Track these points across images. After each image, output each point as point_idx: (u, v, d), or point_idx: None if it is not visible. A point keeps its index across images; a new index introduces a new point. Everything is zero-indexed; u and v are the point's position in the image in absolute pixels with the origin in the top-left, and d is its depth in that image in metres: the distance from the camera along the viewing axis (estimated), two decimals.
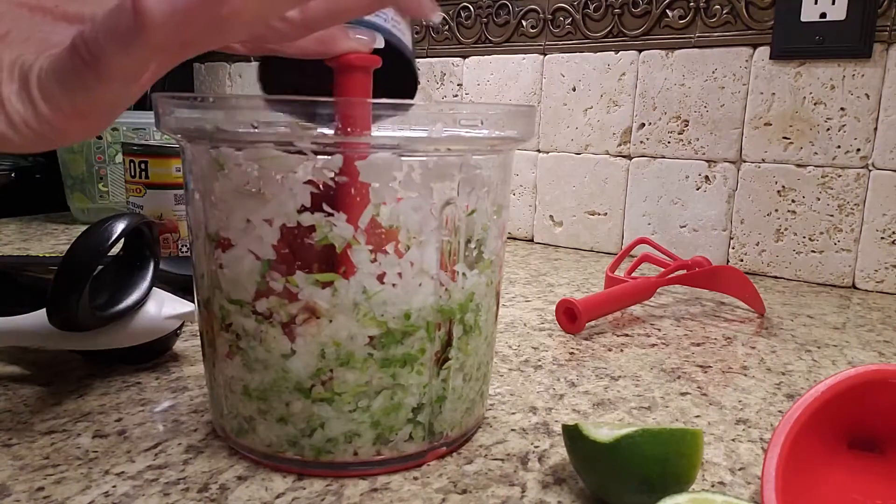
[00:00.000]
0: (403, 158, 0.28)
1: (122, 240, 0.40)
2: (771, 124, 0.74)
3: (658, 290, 0.66)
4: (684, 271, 0.65)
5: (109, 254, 0.38)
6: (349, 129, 0.27)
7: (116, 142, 0.92)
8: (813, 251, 0.73)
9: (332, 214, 0.28)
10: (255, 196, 0.28)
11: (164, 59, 0.21)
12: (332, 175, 0.28)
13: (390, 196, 0.29)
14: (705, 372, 0.46)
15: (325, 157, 0.28)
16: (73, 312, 0.36)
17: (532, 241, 0.93)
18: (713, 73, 0.76)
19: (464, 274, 0.31)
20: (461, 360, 0.32)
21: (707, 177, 0.79)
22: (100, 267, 0.42)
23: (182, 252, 0.71)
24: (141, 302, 0.42)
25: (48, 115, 0.22)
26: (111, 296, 0.41)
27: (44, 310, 0.38)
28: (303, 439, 0.31)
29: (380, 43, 0.31)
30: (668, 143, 0.80)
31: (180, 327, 0.45)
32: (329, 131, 0.28)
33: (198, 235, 0.31)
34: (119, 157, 0.93)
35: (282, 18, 0.27)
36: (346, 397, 0.30)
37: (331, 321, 0.29)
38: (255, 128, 0.27)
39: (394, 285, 0.29)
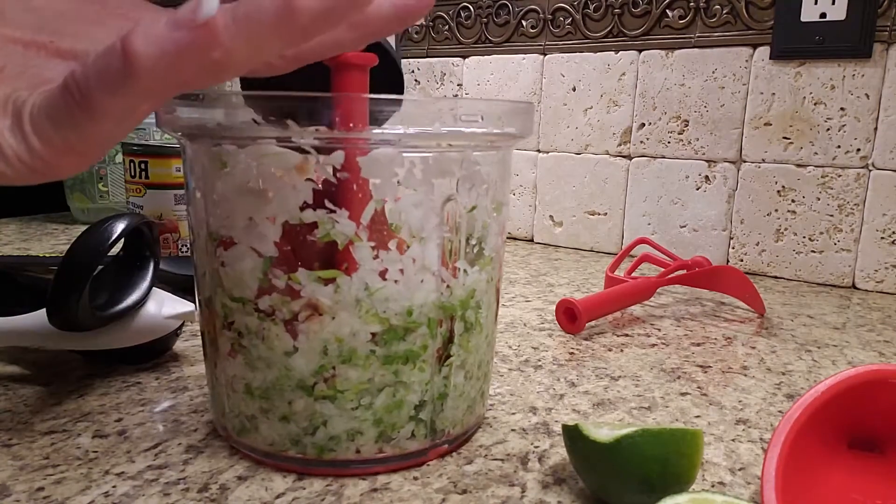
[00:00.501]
0: (405, 154, 0.29)
1: (122, 240, 0.41)
2: (771, 124, 0.74)
3: (658, 290, 0.66)
4: (684, 271, 0.65)
5: (109, 254, 0.38)
6: (350, 126, 0.27)
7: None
8: (813, 251, 0.73)
9: (334, 211, 0.28)
10: (257, 193, 0.28)
11: (156, 98, 0.21)
12: (334, 171, 0.28)
13: (392, 192, 0.29)
14: (705, 372, 0.46)
15: (327, 153, 0.28)
16: (73, 312, 0.36)
17: (532, 241, 0.93)
18: (713, 73, 0.76)
19: (465, 271, 0.31)
20: (462, 358, 0.33)
21: (707, 177, 0.79)
22: (100, 267, 0.42)
23: (182, 252, 0.71)
24: (141, 302, 0.42)
25: (40, 150, 0.22)
26: (111, 296, 0.41)
27: (44, 310, 0.38)
28: (305, 437, 0.31)
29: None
30: (668, 143, 0.80)
31: (180, 327, 0.45)
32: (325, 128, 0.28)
33: (199, 234, 0.31)
34: (119, 157, 0.93)
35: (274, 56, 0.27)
36: (349, 395, 0.30)
37: (333, 318, 0.29)
38: (258, 125, 0.27)
39: (396, 282, 0.29)
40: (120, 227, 0.39)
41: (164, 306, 0.43)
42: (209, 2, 0.20)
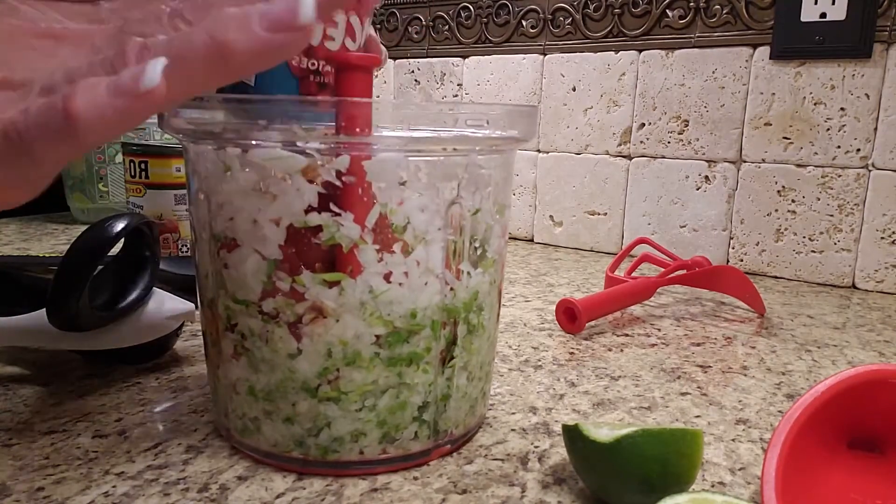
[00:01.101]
0: (410, 158, 0.29)
1: (123, 240, 0.41)
2: (771, 124, 0.74)
3: (658, 290, 0.67)
4: (684, 271, 0.65)
5: (109, 254, 0.38)
6: (357, 129, 0.27)
7: (116, 141, 0.92)
8: (813, 251, 0.74)
9: (339, 214, 0.28)
10: (261, 196, 0.28)
11: (97, 145, 0.22)
12: (339, 175, 0.28)
13: (397, 196, 0.29)
14: (705, 372, 0.46)
15: (332, 157, 0.28)
16: (72, 312, 0.36)
17: (532, 241, 0.93)
18: (713, 73, 0.76)
19: (468, 273, 0.31)
20: (465, 359, 0.33)
21: (707, 177, 0.79)
22: (100, 267, 0.42)
23: (182, 252, 0.71)
24: (141, 301, 0.42)
25: None
26: (111, 296, 0.41)
27: (44, 310, 0.38)
28: (309, 439, 0.31)
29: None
30: (668, 143, 0.80)
31: (180, 327, 0.45)
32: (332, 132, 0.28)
33: (202, 236, 0.31)
34: (119, 157, 0.93)
35: None
36: (353, 396, 0.30)
37: (338, 321, 0.29)
38: (264, 128, 0.27)
39: (400, 284, 0.29)
40: (120, 226, 0.39)
41: (164, 306, 0.43)
42: (152, 71, 0.20)
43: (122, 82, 0.20)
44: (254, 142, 0.28)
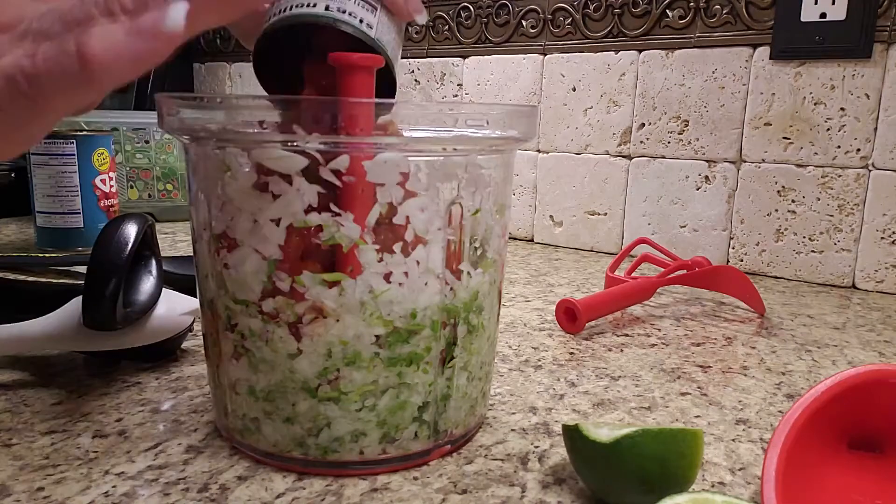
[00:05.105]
0: (410, 158, 0.29)
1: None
2: (771, 124, 0.74)
3: (658, 290, 0.67)
4: (684, 271, 0.65)
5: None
6: (357, 130, 0.27)
7: (116, 142, 0.92)
8: (813, 251, 0.74)
9: (339, 214, 0.28)
10: (261, 196, 0.28)
11: (99, 98, 0.21)
12: (339, 175, 0.28)
13: (397, 196, 0.29)
14: (705, 372, 0.46)
15: (332, 157, 0.28)
16: (110, 313, 0.36)
17: (532, 241, 0.93)
18: (713, 73, 0.76)
19: (468, 273, 0.31)
20: (465, 359, 0.33)
21: (707, 177, 0.79)
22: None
23: None
24: (156, 298, 0.42)
25: None
26: (126, 296, 0.41)
27: (51, 314, 0.38)
28: (309, 439, 0.31)
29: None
30: (668, 143, 0.80)
31: (192, 323, 0.45)
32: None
33: (202, 236, 0.31)
34: (119, 158, 0.93)
35: None
36: (353, 396, 0.30)
37: (338, 321, 0.29)
38: (264, 128, 0.27)
39: (400, 284, 0.29)
40: (133, 227, 0.39)
41: (176, 304, 0.43)
42: (176, 14, 0.19)
43: (143, 25, 0.20)
44: (254, 141, 0.28)
